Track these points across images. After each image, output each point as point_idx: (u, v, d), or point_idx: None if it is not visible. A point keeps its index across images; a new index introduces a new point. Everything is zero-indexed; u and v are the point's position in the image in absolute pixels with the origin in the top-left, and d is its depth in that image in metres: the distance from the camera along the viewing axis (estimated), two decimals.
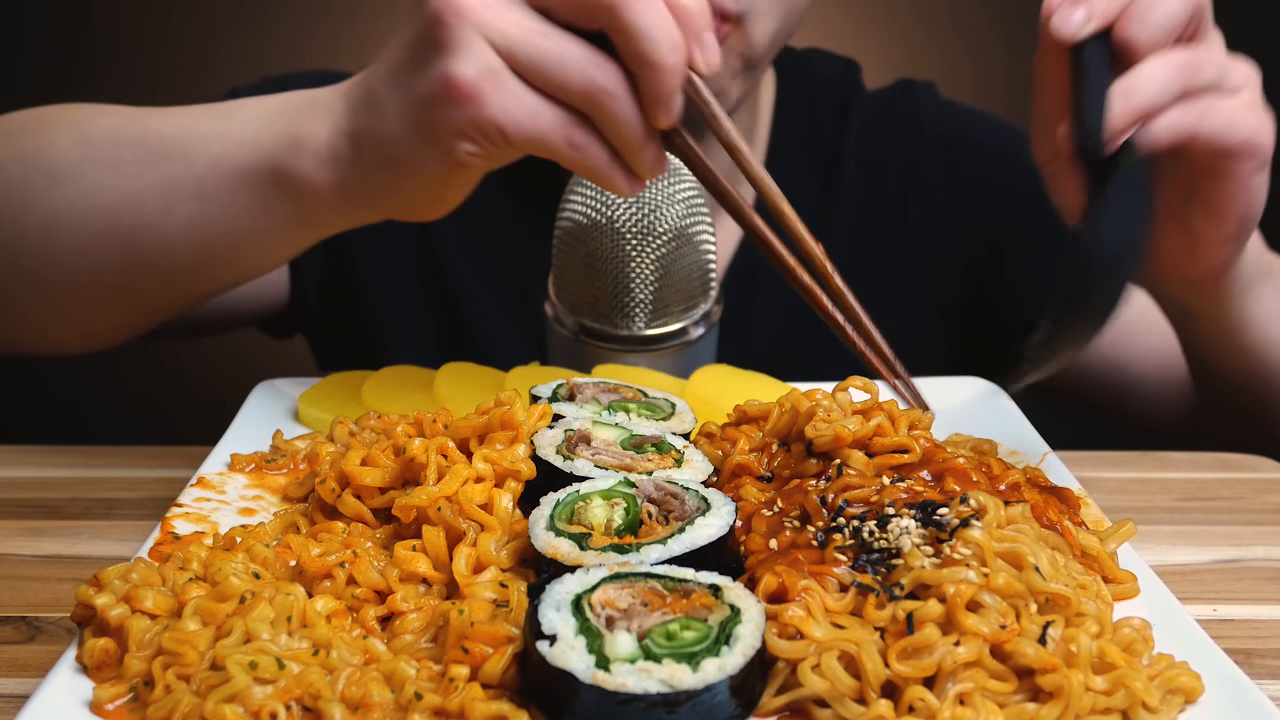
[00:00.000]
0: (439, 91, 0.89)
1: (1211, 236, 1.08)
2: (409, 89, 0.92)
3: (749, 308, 1.51)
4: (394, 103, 0.94)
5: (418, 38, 0.91)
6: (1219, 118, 0.99)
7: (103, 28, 3.23)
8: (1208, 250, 1.10)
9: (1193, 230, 1.09)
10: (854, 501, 0.84)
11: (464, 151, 0.92)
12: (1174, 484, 1.16)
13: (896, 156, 1.59)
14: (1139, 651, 0.75)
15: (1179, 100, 0.98)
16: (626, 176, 0.94)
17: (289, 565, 0.84)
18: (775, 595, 0.76)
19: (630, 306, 1.20)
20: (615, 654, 0.68)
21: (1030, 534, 0.80)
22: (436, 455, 0.89)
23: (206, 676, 0.71)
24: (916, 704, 0.70)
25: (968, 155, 1.58)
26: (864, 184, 1.57)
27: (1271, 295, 1.22)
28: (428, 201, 0.99)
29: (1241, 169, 1.02)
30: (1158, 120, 0.97)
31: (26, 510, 1.07)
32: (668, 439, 0.97)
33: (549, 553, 0.79)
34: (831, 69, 1.64)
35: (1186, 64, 0.97)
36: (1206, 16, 1.01)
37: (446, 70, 0.88)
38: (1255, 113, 1.02)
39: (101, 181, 1.08)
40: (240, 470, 1.03)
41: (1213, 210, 1.06)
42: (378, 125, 0.95)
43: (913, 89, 1.65)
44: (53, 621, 0.89)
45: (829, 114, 1.60)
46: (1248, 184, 1.04)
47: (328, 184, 1.00)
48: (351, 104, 0.99)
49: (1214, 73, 1.00)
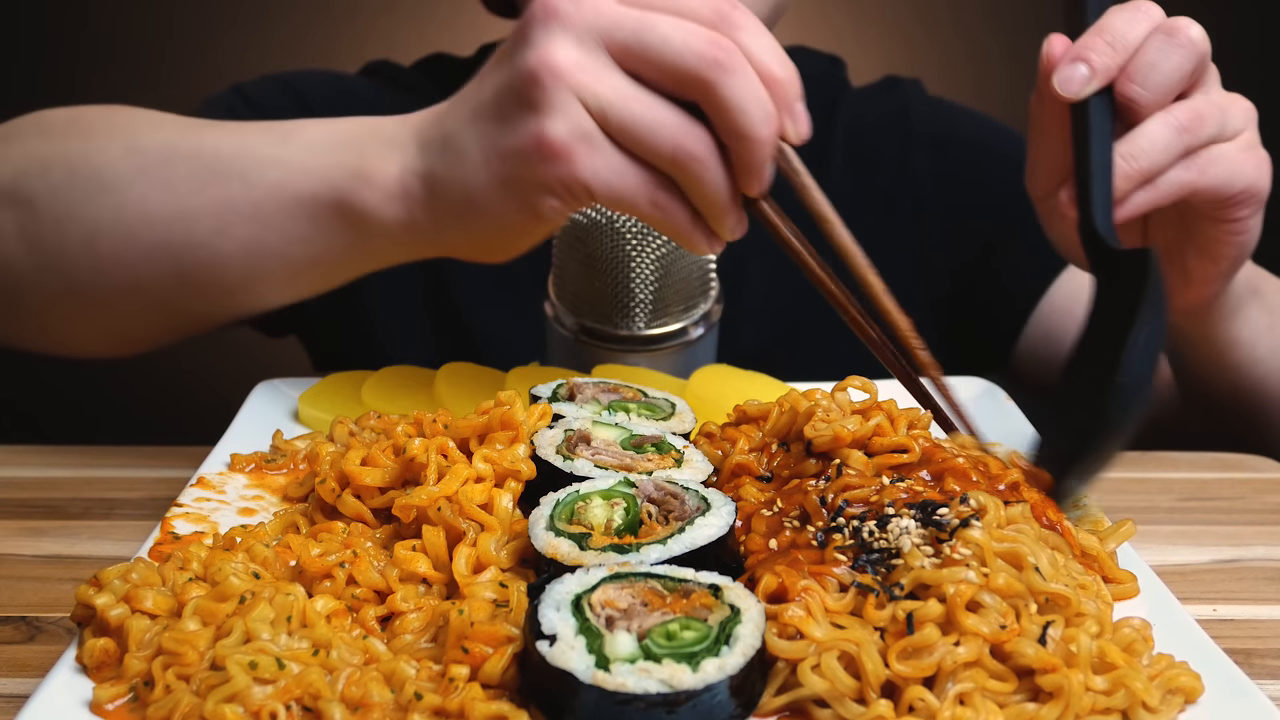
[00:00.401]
0: (530, 149, 0.89)
1: (1206, 274, 1.10)
2: (497, 141, 0.92)
3: (736, 303, 1.52)
4: (478, 152, 0.93)
5: (509, 90, 0.91)
6: (1220, 170, 1.01)
7: (103, 23, 3.23)
8: (1201, 286, 1.12)
9: (1187, 268, 1.10)
10: (854, 501, 0.84)
11: (548, 206, 0.92)
12: (1174, 484, 1.16)
13: (885, 154, 1.58)
14: (1139, 651, 0.75)
15: (1181, 158, 0.99)
16: (707, 237, 0.95)
17: (289, 565, 0.84)
18: (775, 595, 0.76)
19: (630, 306, 1.20)
20: (615, 654, 0.68)
21: (1030, 534, 0.80)
22: (436, 455, 0.89)
23: (206, 676, 0.71)
24: (916, 704, 0.70)
25: (957, 153, 1.58)
26: (852, 182, 1.57)
27: (1258, 314, 1.23)
28: (499, 247, 0.99)
29: (1240, 214, 1.04)
30: (1160, 180, 0.99)
31: (26, 510, 1.07)
32: (668, 439, 0.97)
33: (549, 553, 0.79)
34: (816, 67, 1.64)
35: (1189, 123, 0.99)
36: (1206, 61, 1.01)
37: (541, 130, 0.88)
38: (1253, 156, 1.03)
39: (151, 195, 1.05)
40: (240, 470, 1.03)
41: (1209, 251, 1.08)
42: (457, 171, 0.95)
43: (900, 86, 1.65)
44: (53, 621, 0.89)
45: (815, 111, 1.59)
46: (1245, 227, 1.06)
47: (394, 220, 0.99)
48: (425, 143, 0.98)
49: (1215, 123, 1.00)
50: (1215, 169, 1.00)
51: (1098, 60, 0.98)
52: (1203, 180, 1.00)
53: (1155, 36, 0.99)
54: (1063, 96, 0.98)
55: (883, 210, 1.57)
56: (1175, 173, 0.99)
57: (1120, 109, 0.99)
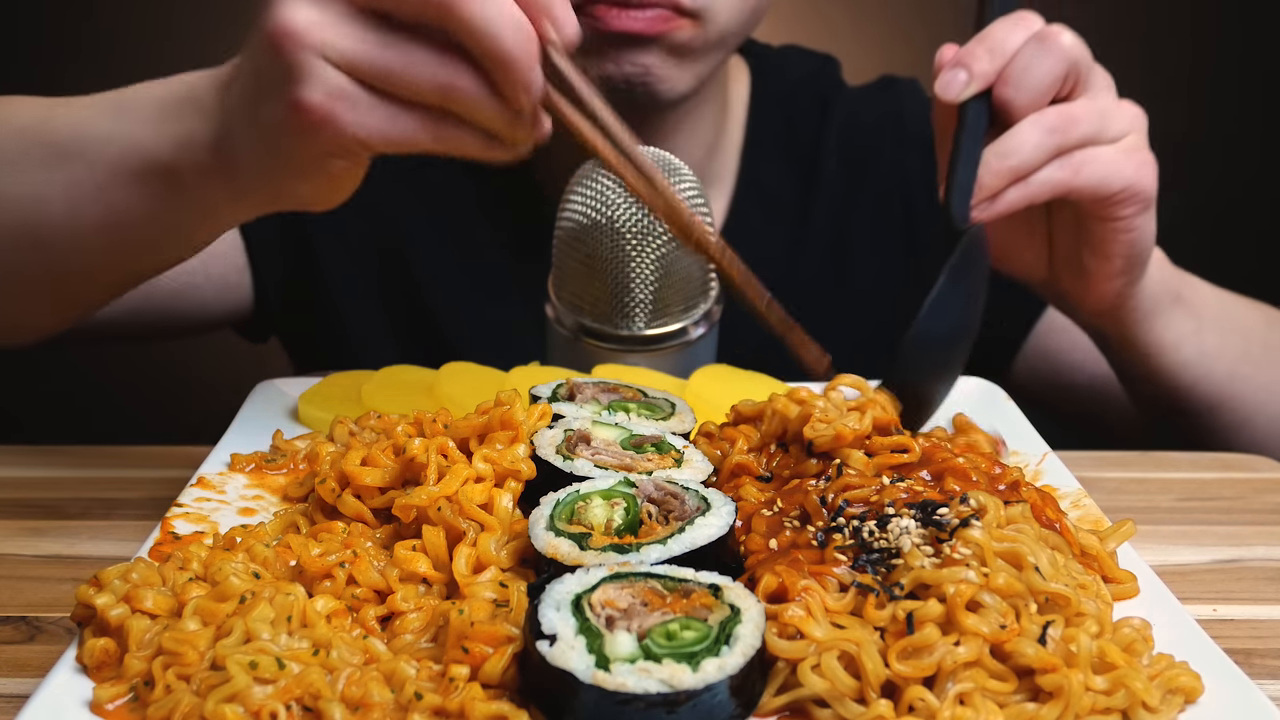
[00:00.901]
0: (291, 120, 0.86)
1: (1101, 272, 1.15)
2: (264, 118, 0.89)
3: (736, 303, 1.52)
4: (254, 130, 0.91)
5: (257, 62, 0.88)
6: (1095, 169, 1.05)
7: (103, 19, 3.23)
8: (1099, 285, 1.16)
9: (1084, 267, 1.15)
10: (854, 501, 0.84)
11: (336, 166, 0.90)
12: (1174, 484, 1.16)
13: (879, 155, 1.58)
14: (1139, 651, 0.75)
15: (1053, 158, 1.05)
16: (507, 149, 0.90)
17: (289, 565, 0.84)
18: (775, 595, 0.76)
19: (630, 306, 1.20)
20: (615, 654, 0.68)
21: (1030, 534, 0.80)
22: (436, 455, 0.89)
23: (206, 676, 0.71)
24: (916, 704, 0.70)
25: None
26: (845, 183, 1.57)
27: (1181, 320, 1.26)
28: (320, 200, 0.96)
29: (1123, 213, 1.08)
30: (1033, 178, 1.04)
31: (26, 510, 1.07)
32: (667, 439, 0.97)
33: (549, 553, 0.79)
34: (809, 66, 1.64)
35: (1058, 125, 1.05)
36: (1086, 67, 1.07)
37: (295, 99, 0.84)
38: (1134, 158, 1.07)
39: (6, 179, 1.06)
40: (240, 470, 1.03)
41: (1100, 250, 1.12)
42: (246, 144, 0.93)
43: (895, 85, 1.64)
44: (53, 621, 0.89)
45: (808, 113, 1.60)
46: (1131, 225, 1.10)
47: (219, 187, 0.97)
48: (225, 110, 0.95)
49: (1091, 125, 1.06)
50: (1089, 169, 1.05)
51: (976, 66, 1.05)
52: (1077, 180, 1.05)
53: (1030, 43, 1.05)
54: (945, 100, 1.05)
55: (875, 211, 1.56)
56: (1048, 171, 1.05)
57: (999, 112, 1.06)
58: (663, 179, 0.95)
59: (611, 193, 1.17)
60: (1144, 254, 1.14)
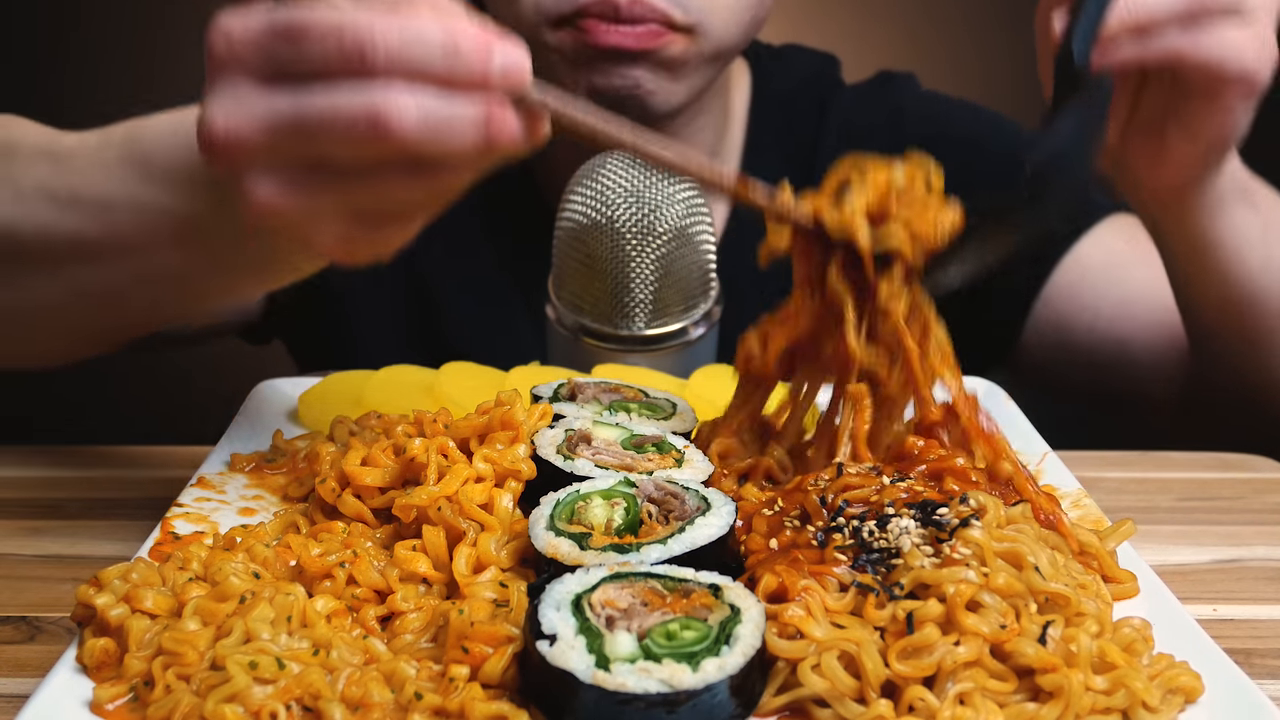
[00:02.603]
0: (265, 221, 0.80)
1: (1180, 151, 1.08)
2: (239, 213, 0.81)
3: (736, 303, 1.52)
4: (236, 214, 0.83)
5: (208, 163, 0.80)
6: (1215, 45, 0.99)
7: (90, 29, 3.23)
8: (1176, 164, 1.09)
9: (1164, 140, 1.08)
10: (854, 501, 0.84)
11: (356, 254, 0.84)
12: (1174, 484, 1.16)
13: (879, 152, 1.58)
14: (1139, 651, 0.75)
15: (1181, 20, 0.98)
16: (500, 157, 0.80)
17: (289, 565, 0.84)
18: (775, 595, 0.76)
19: (630, 306, 1.20)
20: (615, 654, 0.68)
21: (1030, 534, 0.80)
22: (437, 455, 0.89)
23: (206, 676, 0.71)
24: (916, 704, 0.70)
25: (948, 151, 1.58)
26: None
27: (1247, 218, 1.19)
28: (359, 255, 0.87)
29: (1228, 96, 1.02)
30: (1151, 37, 0.98)
31: (27, 510, 1.07)
32: (668, 439, 0.97)
33: (549, 552, 0.79)
34: (809, 66, 1.63)
35: None
36: None
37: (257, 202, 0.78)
38: (1258, 44, 1.01)
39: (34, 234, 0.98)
40: (240, 470, 1.03)
41: (1188, 127, 1.06)
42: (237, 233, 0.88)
43: (893, 81, 1.64)
44: (53, 621, 0.89)
45: (807, 113, 1.59)
46: (1230, 109, 1.03)
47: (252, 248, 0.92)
48: None
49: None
50: (1211, 42, 0.99)
51: None
52: (1195, 51, 0.99)
53: None
54: None
55: None
56: (1170, 34, 0.98)
57: None
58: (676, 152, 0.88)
59: (611, 193, 1.18)
60: (1230, 143, 1.08)
